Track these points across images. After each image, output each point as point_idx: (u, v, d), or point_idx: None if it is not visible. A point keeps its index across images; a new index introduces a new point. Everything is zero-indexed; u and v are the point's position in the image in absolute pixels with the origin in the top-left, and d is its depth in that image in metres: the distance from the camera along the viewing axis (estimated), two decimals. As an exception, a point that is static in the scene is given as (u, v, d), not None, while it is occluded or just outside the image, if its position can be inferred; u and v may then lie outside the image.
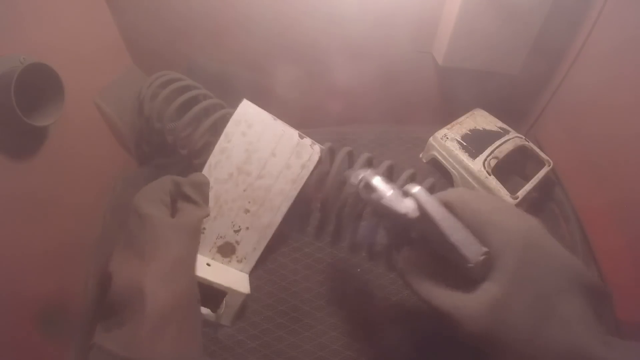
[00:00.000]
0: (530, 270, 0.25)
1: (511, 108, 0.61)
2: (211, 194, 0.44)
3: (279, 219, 0.47)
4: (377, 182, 0.33)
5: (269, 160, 0.46)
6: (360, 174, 0.35)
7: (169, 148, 0.52)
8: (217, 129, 0.49)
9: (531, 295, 0.24)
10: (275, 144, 0.46)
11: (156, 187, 0.39)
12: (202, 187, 0.41)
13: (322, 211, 0.52)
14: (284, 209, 0.47)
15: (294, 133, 0.46)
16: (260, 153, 0.45)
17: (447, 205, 0.28)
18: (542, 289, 0.24)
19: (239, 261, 0.48)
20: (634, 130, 0.43)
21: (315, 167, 0.47)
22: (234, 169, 0.45)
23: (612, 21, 0.48)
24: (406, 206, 0.30)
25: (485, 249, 0.26)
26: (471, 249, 0.26)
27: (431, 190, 0.38)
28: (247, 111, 0.45)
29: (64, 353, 0.39)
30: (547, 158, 0.54)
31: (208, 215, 0.42)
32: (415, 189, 0.29)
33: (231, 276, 0.46)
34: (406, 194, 0.29)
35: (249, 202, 0.46)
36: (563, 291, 0.25)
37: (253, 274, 0.49)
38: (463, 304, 0.25)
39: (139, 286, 0.31)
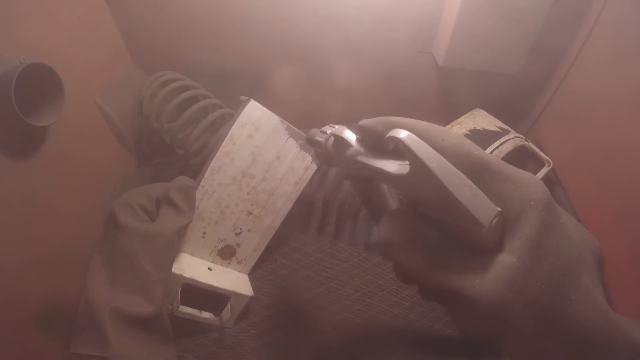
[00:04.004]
0: (551, 236, 0.20)
1: (511, 108, 0.61)
2: (213, 199, 0.44)
3: (280, 220, 0.47)
4: (350, 135, 0.27)
5: (274, 163, 0.45)
6: (328, 130, 0.30)
7: (168, 147, 0.52)
8: (215, 128, 0.49)
9: (554, 266, 0.20)
10: (281, 147, 0.45)
11: (140, 192, 0.40)
12: (188, 191, 0.40)
13: (323, 209, 0.52)
14: (285, 210, 0.47)
15: (300, 135, 0.46)
16: (266, 156, 0.45)
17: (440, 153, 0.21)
18: (564, 260, 0.20)
19: (239, 262, 0.48)
20: (634, 130, 0.43)
21: (317, 170, 0.47)
22: (237, 172, 0.44)
23: (612, 21, 0.48)
24: (390, 163, 0.23)
25: (498, 209, 0.20)
26: (482, 209, 0.19)
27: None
28: (254, 113, 0.43)
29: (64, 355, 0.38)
30: (547, 158, 0.54)
31: (190, 222, 0.40)
32: (402, 133, 0.20)
33: (233, 279, 0.46)
34: (388, 141, 0.21)
35: (252, 204, 0.46)
36: (585, 263, 0.21)
37: (253, 274, 0.49)
38: (475, 279, 0.20)
39: (104, 296, 0.33)
